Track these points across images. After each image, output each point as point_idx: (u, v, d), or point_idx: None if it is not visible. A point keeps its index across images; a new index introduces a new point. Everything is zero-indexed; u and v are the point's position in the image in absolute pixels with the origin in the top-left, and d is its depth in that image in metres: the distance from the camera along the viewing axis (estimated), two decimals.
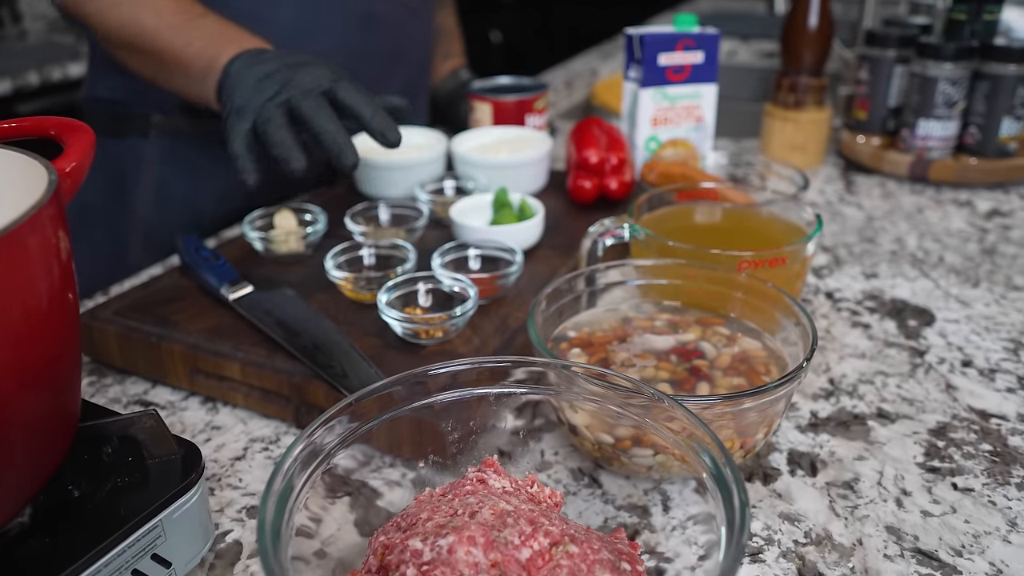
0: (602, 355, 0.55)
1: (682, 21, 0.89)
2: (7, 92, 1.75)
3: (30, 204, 0.35)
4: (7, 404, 0.35)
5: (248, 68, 0.69)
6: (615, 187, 0.81)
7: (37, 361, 0.36)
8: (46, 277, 0.36)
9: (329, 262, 0.66)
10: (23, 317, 0.34)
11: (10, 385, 0.35)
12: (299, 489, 0.39)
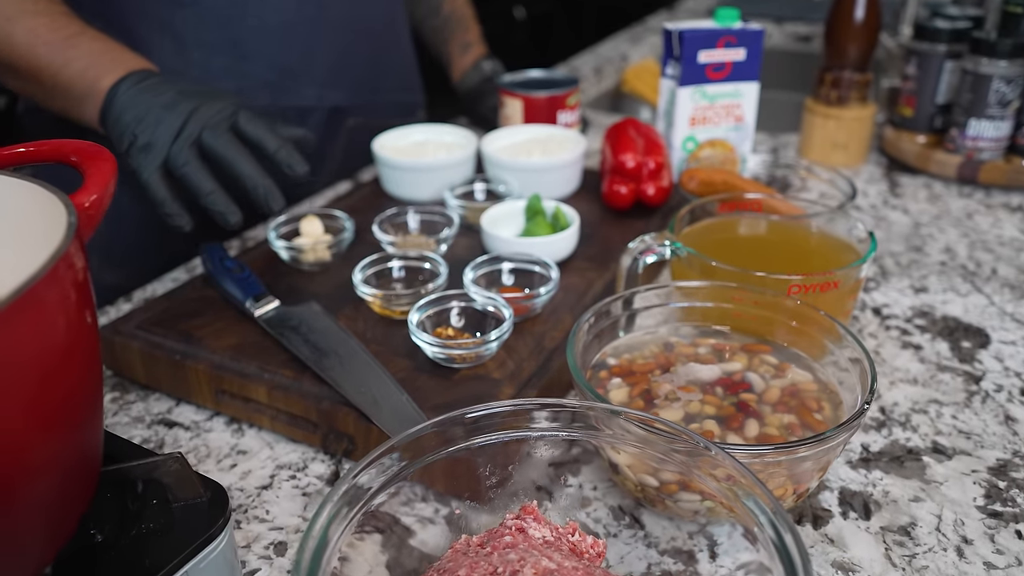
0: (644, 386, 0.53)
1: (724, 16, 0.85)
2: None
3: (49, 252, 0.33)
4: (30, 464, 0.33)
5: (140, 95, 0.67)
6: (652, 193, 0.78)
7: (60, 416, 0.34)
8: (66, 330, 0.34)
9: (357, 276, 0.64)
10: (44, 376, 0.32)
11: (33, 444, 0.33)
12: (334, 543, 0.38)
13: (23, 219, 0.39)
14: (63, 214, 0.36)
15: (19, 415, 0.31)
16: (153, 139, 0.65)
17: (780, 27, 1.76)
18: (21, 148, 0.43)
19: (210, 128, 0.65)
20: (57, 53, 0.70)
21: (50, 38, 0.70)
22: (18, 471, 0.32)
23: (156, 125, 0.65)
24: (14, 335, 0.30)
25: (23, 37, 0.70)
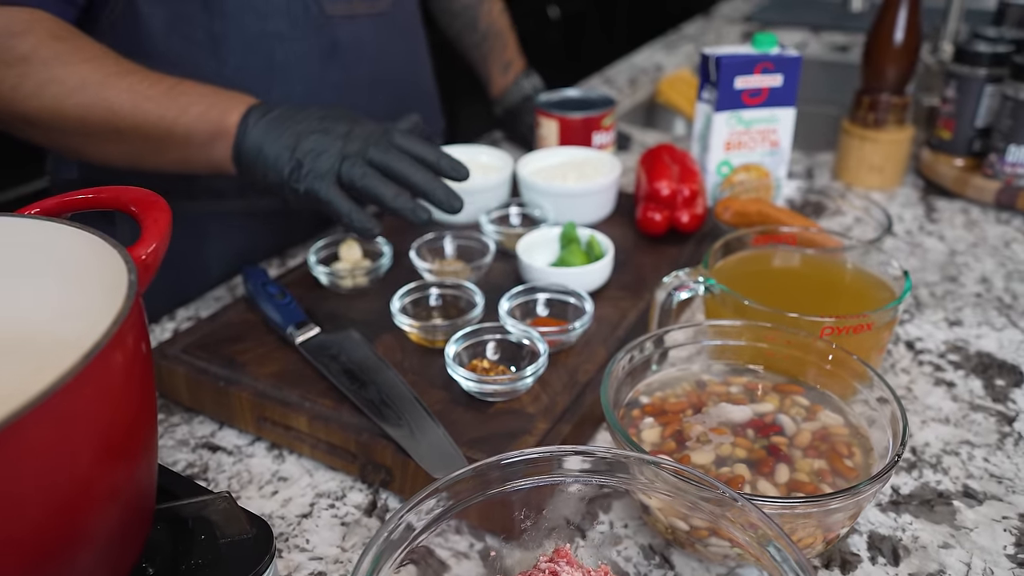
0: (676, 426, 0.54)
1: (762, 41, 0.85)
2: None
3: (114, 311, 0.34)
4: (96, 513, 0.35)
5: (279, 125, 0.68)
6: (686, 220, 0.78)
7: (123, 466, 0.36)
8: (128, 379, 0.36)
9: (395, 305, 0.65)
10: (110, 424, 0.34)
11: (100, 496, 0.35)
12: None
13: (84, 271, 0.41)
14: (123, 271, 0.38)
15: (89, 460, 0.33)
16: (321, 161, 0.67)
17: (817, 36, 1.74)
18: (80, 195, 0.45)
19: (374, 145, 0.67)
20: (168, 104, 0.69)
21: (152, 92, 0.69)
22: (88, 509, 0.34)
23: (320, 149, 0.67)
24: (85, 392, 0.32)
25: (125, 97, 0.69)
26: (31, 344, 0.43)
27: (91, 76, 0.69)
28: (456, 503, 0.44)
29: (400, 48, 0.95)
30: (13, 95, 0.68)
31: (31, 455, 0.30)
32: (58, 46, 0.69)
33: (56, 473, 0.32)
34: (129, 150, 0.72)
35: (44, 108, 0.69)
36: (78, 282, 0.41)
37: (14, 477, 0.30)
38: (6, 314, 0.43)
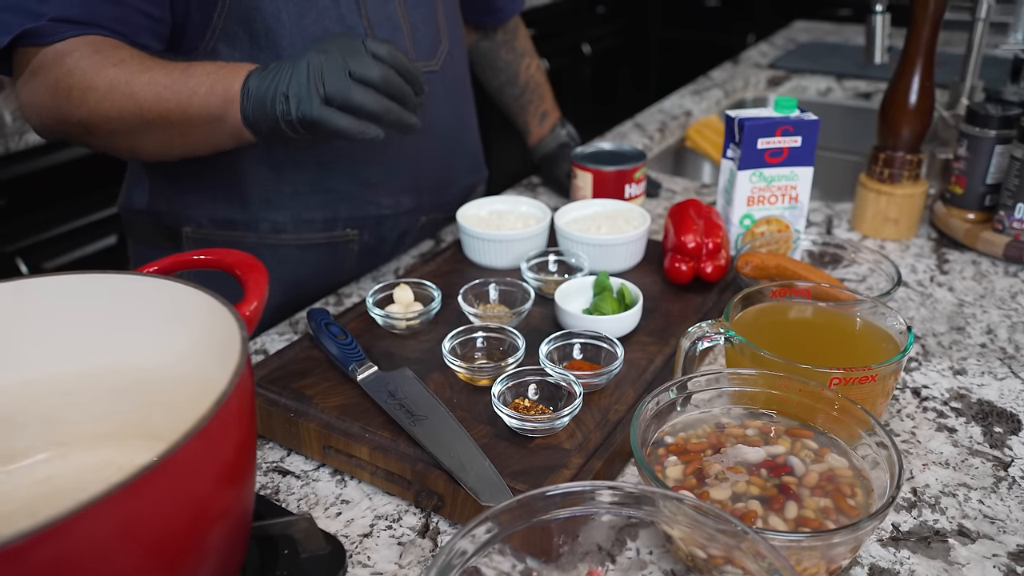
0: (697, 464, 0.60)
1: (783, 105, 0.92)
2: None
3: (233, 364, 0.42)
4: (218, 529, 0.42)
5: (267, 76, 0.74)
6: (710, 271, 0.85)
7: (237, 489, 0.44)
8: (241, 414, 0.43)
9: (446, 346, 0.73)
10: (234, 450, 0.42)
11: (221, 514, 0.42)
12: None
13: (199, 324, 0.49)
14: (234, 326, 0.46)
15: (216, 484, 0.41)
16: (300, 85, 0.72)
17: (841, 83, 1.81)
18: (195, 256, 0.53)
19: (351, 56, 0.73)
20: (181, 89, 0.77)
21: (168, 81, 0.77)
22: (212, 526, 0.42)
23: (294, 76, 0.73)
24: (217, 428, 0.39)
25: (147, 90, 0.77)
26: (157, 383, 0.51)
27: (119, 77, 0.77)
28: (503, 529, 0.51)
29: (449, 103, 1.04)
30: (68, 107, 0.79)
31: (179, 478, 0.38)
32: (94, 57, 0.78)
33: (194, 493, 0.40)
34: (163, 138, 0.81)
35: (89, 114, 0.78)
36: (195, 332, 0.49)
37: (165, 497, 0.38)
38: (136, 359, 0.51)
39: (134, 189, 1.01)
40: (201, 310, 0.49)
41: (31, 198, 1.79)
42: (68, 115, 0.79)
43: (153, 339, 0.52)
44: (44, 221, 1.82)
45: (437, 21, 1.00)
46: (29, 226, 1.79)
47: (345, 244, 1.02)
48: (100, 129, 0.80)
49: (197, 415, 0.43)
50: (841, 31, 2.34)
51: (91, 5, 0.78)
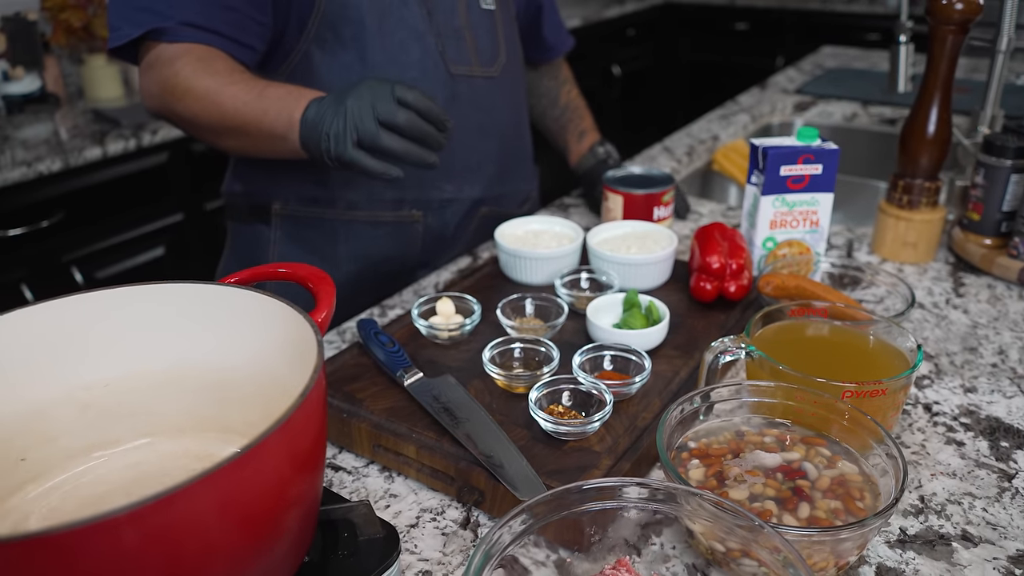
0: (717, 468, 0.66)
1: (805, 135, 0.97)
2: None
3: (311, 366, 0.49)
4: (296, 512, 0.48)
5: (319, 112, 0.85)
6: (734, 290, 0.91)
7: (312, 476, 0.50)
8: (318, 406, 0.50)
9: (486, 355, 0.79)
10: (312, 440, 0.48)
11: (299, 499, 0.48)
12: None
13: (277, 329, 0.55)
14: (310, 331, 0.53)
15: (299, 472, 0.47)
16: (338, 129, 0.83)
17: (866, 109, 1.85)
18: (278, 269, 0.60)
19: (381, 103, 0.82)
20: (256, 106, 0.89)
21: (247, 98, 0.90)
22: (291, 510, 0.48)
23: (336, 118, 0.83)
24: (299, 419, 0.46)
25: (229, 103, 0.90)
26: (233, 383, 0.58)
27: (211, 87, 0.91)
28: (537, 521, 0.56)
29: (506, 105, 1.16)
30: (171, 102, 0.93)
31: (269, 462, 0.44)
32: (197, 64, 0.92)
33: (277, 477, 0.46)
34: (241, 143, 0.95)
35: (187, 112, 0.93)
36: (271, 338, 0.56)
37: (253, 479, 0.44)
38: (217, 360, 0.58)
39: (234, 176, 1.18)
40: (278, 317, 0.55)
41: (86, 211, 1.89)
42: (171, 108, 0.94)
43: (233, 343, 0.59)
44: (98, 233, 1.92)
45: (497, 36, 1.12)
46: (84, 237, 1.89)
47: (411, 224, 1.13)
48: (193, 125, 0.96)
49: (269, 412, 0.49)
50: (868, 57, 2.38)
51: (211, 12, 0.93)
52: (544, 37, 1.31)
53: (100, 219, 1.92)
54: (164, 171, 2.00)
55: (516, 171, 1.21)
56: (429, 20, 1.04)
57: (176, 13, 0.91)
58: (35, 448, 0.58)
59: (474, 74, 1.10)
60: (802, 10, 3.68)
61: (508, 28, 1.16)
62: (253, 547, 0.47)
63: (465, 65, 1.08)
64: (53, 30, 2.16)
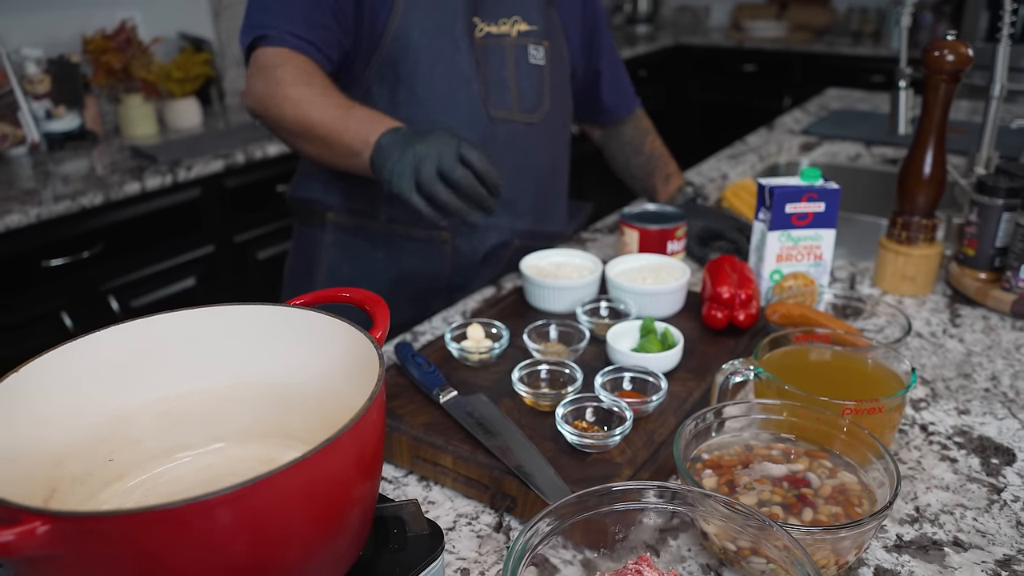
0: (729, 477, 0.72)
1: (808, 175, 1.05)
2: (220, 169, 2.08)
3: (374, 378, 0.56)
4: (358, 510, 0.55)
5: (392, 145, 0.95)
6: (743, 318, 0.98)
7: (373, 478, 0.57)
8: (380, 412, 0.57)
9: (515, 375, 0.86)
10: (375, 443, 0.55)
11: (368, 499, 0.55)
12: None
13: (338, 348, 0.63)
14: (371, 348, 0.60)
15: (358, 471, 0.54)
16: (401, 169, 0.93)
17: (869, 150, 1.93)
18: (342, 293, 0.68)
19: (445, 156, 0.92)
20: (340, 123, 1.01)
21: (336, 113, 1.01)
22: (354, 508, 0.55)
23: (402, 158, 0.93)
24: (366, 424, 0.53)
25: (317, 114, 1.02)
26: (296, 395, 0.65)
27: (304, 96, 1.03)
28: (562, 521, 0.63)
29: (544, 151, 1.27)
30: (272, 106, 1.05)
31: (339, 462, 0.51)
32: (297, 74, 1.04)
33: (346, 474, 0.53)
34: (320, 151, 1.06)
35: (280, 115, 1.05)
36: (332, 355, 0.63)
37: (326, 474, 0.51)
38: (281, 374, 0.65)
39: (298, 183, 1.31)
40: (341, 336, 0.63)
41: (124, 242, 1.98)
42: (268, 110, 1.06)
43: (297, 359, 0.66)
44: (133, 264, 2.01)
45: (543, 87, 1.24)
46: (120, 268, 1.98)
47: (440, 244, 1.24)
48: (283, 128, 1.07)
49: (329, 422, 0.56)
50: (872, 99, 2.47)
51: (309, 26, 1.07)
52: (602, 100, 1.43)
53: (136, 250, 2.01)
54: (197, 205, 2.10)
55: (550, 212, 1.31)
56: (476, 68, 1.15)
57: (281, 24, 1.06)
58: (121, 450, 0.65)
59: (514, 119, 1.20)
60: (808, 53, 3.79)
61: (557, 82, 1.26)
62: (322, 537, 0.54)
63: (505, 110, 1.19)
64: (94, 71, 2.28)
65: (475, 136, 1.16)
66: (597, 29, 1.36)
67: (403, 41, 1.12)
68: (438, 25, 1.13)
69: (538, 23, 1.22)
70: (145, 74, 2.29)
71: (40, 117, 2.16)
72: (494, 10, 1.18)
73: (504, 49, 1.19)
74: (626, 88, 1.46)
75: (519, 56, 1.20)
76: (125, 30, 2.28)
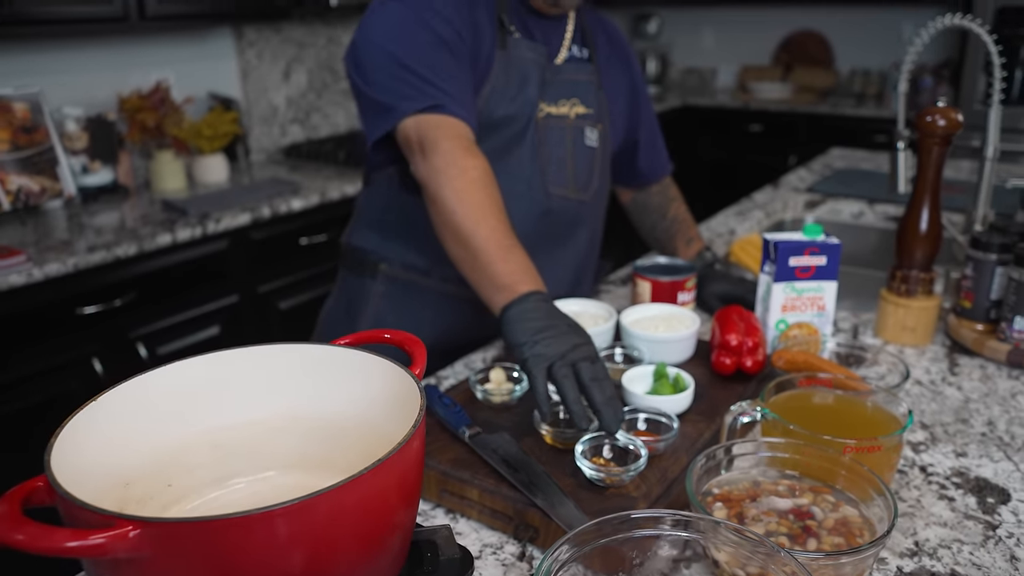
0: (738, 509, 0.77)
1: (811, 230, 1.12)
2: (247, 222, 2.17)
3: (415, 414, 0.62)
4: (398, 534, 0.61)
5: (536, 313, 0.95)
6: (750, 365, 1.04)
7: (413, 505, 0.63)
8: (419, 451, 0.63)
9: (536, 416, 0.92)
10: (417, 471, 0.61)
11: (407, 525, 0.61)
12: None
13: (381, 385, 0.69)
14: (412, 384, 0.66)
15: (400, 494, 0.60)
16: (547, 351, 0.91)
17: (872, 207, 2.01)
18: (384, 335, 0.74)
19: (583, 361, 0.91)
20: (499, 254, 1.01)
21: (501, 240, 1.02)
22: (395, 532, 0.60)
23: (551, 343, 0.92)
24: (408, 451, 0.59)
25: (484, 233, 1.02)
26: (339, 428, 0.71)
27: (482, 204, 1.04)
28: (580, 547, 0.68)
29: (588, 225, 1.36)
30: (446, 186, 1.05)
31: (385, 483, 0.57)
32: (479, 172, 1.06)
33: (392, 498, 0.59)
34: (462, 256, 1.05)
35: (447, 203, 1.04)
36: (376, 391, 0.70)
37: (374, 498, 0.57)
38: (327, 409, 0.72)
39: (355, 232, 1.38)
40: (384, 373, 0.69)
41: (153, 292, 2.06)
42: (438, 190, 1.06)
43: (341, 395, 0.72)
44: (161, 312, 2.09)
45: (594, 168, 1.33)
46: (149, 316, 2.06)
47: None
48: (442, 213, 1.06)
49: (370, 453, 0.62)
50: (874, 158, 2.56)
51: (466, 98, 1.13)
52: (638, 167, 1.52)
53: (164, 299, 2.09)
54: (224, 256, 2.18)
55: (584, 280, 1.40)
56: (540, 148, 1.25)
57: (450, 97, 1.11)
58: (179, 477, 0.71)
59: (568, 196, 1.30)
60: (813, 113, 3.91)
61: (604, 162, 1.36)
62: (366, 555, 0.59)
63: (562, 187, 1.28)
64: (129, 129, 2.39)
65: (535, 209, 1.26)
66: (637, 103, 1.45)
67: (486, 118, 1.20)
68: (516, 107, 1.22)
69: (593, 106, 1.31)
70: (177, 131, 2.40)
71: (76, 171, 2.26)
72: (555, 92, 1.26)
73: (564, 130, 1.28)
74: (660, 154, 1.55)
75: (576, 137, 1.29)
76: (160, 90, 2.40)
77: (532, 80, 1.23)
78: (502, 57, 1.21)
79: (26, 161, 2.05)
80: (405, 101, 1.11)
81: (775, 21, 4.55)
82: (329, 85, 3.18)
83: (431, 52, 1.12)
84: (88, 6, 2.06)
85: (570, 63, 1.29)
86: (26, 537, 0.49)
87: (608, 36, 1.40)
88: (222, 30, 2.76)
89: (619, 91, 1.40)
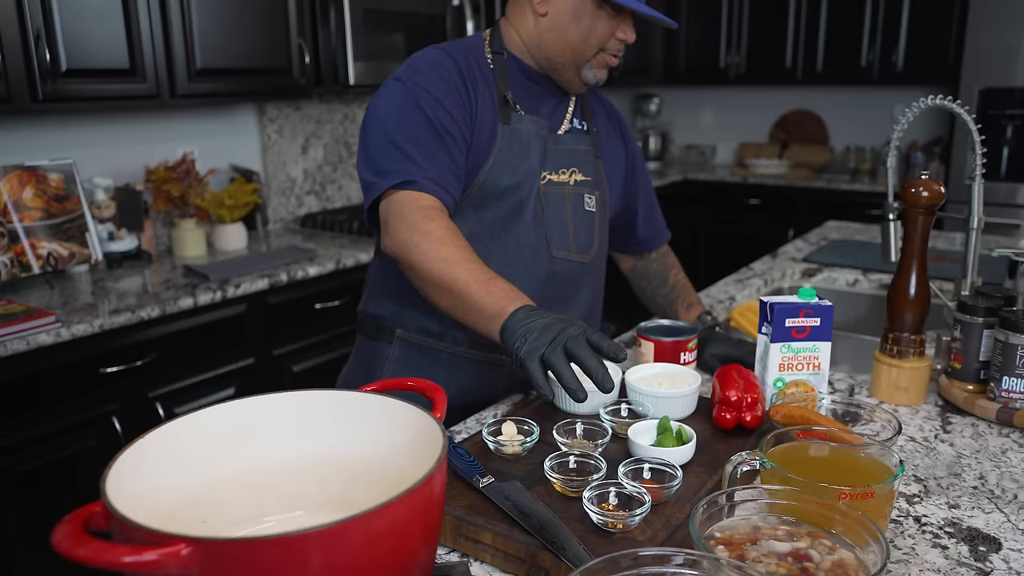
0: (739, 552, 0.82)
1: (805, 294, 1.19)
2: (264, 287, 2.25)
3: (437, 454, 0.67)
4: (418, 569, 0.66)
5: (527, 320, 1.04)
6: (749, 419, 1.09)
7: (433, 541, 0.67)
8: (440, 490, 0.68)
9: (547, 464, 0.97)
10: (438, 507, 0.66)
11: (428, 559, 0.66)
12: None
13: (405, 429, 0.75)
14: (435, 426, 0.72)
15: (424, 529, 0.65)
16: (538, 343, 1.01)
17: (866, 276, 2.08)
18: (408, 382, 0.80)
19: (571, 339, 1.00)
20: (482, 289, 1.09)
21: (481, 277, 1.10)
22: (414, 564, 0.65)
23: (540, 336, 1.00)
24: (433, 484, 0.64)
25: (463, 276, 1.10)
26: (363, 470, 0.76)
27: (452, 255, 1.12)
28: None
29: (590, 286, 1.44)
30: (415, 251, 1.14)
31: (408, 521, 0.62)
32: (444, 232, 1.15)
33: (415, 529, 0.64)
34: (451, 303, 1.14)
35: (422, 266, 1.14)
36: (400, 434, 0.75)
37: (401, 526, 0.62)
38: (352, 451, 0.77)
39: (371, 300, 1.44)
40: (407, 417, 0.75)
41: (173, 353, 2.12)
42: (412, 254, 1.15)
43: (366, 437, 0.78)
44: (180, 373, 2.15)
45: (594, 231, 1.41)
46: (167, 376, 2.12)
47: (499, 366, 1.37)
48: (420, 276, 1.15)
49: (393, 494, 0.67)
50: (868, 230, 2.64)
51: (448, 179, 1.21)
52: (638, 235, 1.61)
53: (184, 361, 2.15)
54: (242, 320, 2.26)
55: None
56: (542, 214, 1.33)
57: (430, 173, 1.19)
58: (212, 513, 0.76)
59: (571, 259, 1.38)
60: (809, 188, 4.03)
61: (603, 226, 1.45)
62: None
63: (564, 250, 1.36)
64: (155, 198, 2.50)
65: (540, 272, 1.34)
66: (634, 173, 1.55)
67: (490, 188, 1.29)
68: (520, 176, 1.30)
69: (591, 174, 1.40)
70: (200, 201, 2.50)
71: (103, 238, 2.36)
72: (555, 160, 1.35)
73: (564, 197, 1.36)
74: (658, 223, 1.64)
75: (576, 203, 1.38)
76: (186, 162, 2.52)
77: (534, 150, 1.32)
78: (506, 131, 1.30)
79: (57, 228, 2.15)
80: (384, 177, 1.20)
81: (772, 101, 4.73)
82: (344, 159, 3.31)
83: (419, 131, 1.21)
84: (124, 84, 2.19)
85: (570, 134, 1.39)
86: (88, 552, 0.54)
87: (606, 110, 1.51)
88: (246, 107, 2.90)
89: (616, 161, 1.50)
